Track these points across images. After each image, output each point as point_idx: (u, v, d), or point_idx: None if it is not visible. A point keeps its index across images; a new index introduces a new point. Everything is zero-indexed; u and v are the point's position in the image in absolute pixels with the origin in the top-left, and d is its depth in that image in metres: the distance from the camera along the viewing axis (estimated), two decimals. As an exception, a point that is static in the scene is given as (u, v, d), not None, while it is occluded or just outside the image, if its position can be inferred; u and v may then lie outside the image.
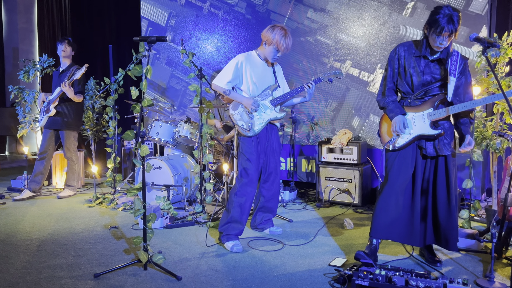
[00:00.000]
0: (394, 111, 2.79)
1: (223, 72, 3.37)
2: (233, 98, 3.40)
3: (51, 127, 4.89)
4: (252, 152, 3.34)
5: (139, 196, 2.95)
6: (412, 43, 2.78)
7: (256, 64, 3.39)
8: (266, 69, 3.44)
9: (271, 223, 3.67)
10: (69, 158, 4.98)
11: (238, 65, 3.34)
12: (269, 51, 3.33)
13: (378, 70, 4.84)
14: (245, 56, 3.38)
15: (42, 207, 4.51)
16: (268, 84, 3.42)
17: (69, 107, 4.87)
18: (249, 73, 3.35)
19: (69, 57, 4.97)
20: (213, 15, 5.88)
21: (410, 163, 2.80)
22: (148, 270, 2.81)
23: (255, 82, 3.36)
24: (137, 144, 2.77)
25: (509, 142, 3.55)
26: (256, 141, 3.38)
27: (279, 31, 3.26)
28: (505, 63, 3.70)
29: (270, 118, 3.40)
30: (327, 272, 2.79)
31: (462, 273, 2.78)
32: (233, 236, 3.28)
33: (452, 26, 2.50)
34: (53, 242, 3.38)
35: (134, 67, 2.92)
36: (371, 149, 4.94)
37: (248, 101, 3.33)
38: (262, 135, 3.42)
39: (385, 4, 4.76)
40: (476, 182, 4.39)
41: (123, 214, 4.24)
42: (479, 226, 3.75)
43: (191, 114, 6.06)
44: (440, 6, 2.55)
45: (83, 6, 7.59)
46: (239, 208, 3.27)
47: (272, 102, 3.41)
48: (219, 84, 3.36)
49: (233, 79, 3.34)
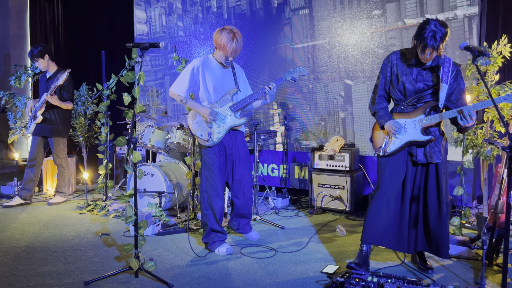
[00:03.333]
0: (383, 117, 2.84)
1: (179, 79, 3.22)
2: (190, 106, 3.27)
3: (39, 134, 4.83)
4: (215, 164, 3.24)
5: (130, 203, 2.93)
6: (405, 51, 2.82)
7: (213, 68, 3.23)
8: (225, 73, 3.28)
9: (249, 227, 3.63)
10: (59, 165, 4.94)
11: (194, 71, 3.19)
12: (219, 56, 3.20)
13: (370, 77, 4.88)
14: (201, 60, 3.22)
15: (32, 213, 4.46)
16: (227, 89, 3.28)
17: (57, 113, 4.80)
18: (206, 78, 3.20)
19: (50, 65, 4.82)
20: (207, 20, 5.90)
21: (401, 169, 2.82)
22: (139, 278, 2.78)
23: (214, 87, 3.21)
24: (129, 150, 2.76)
25: (499, 149, 3.59)
26: (218, 150, 3.27)
27: (227, 35, 3.09)
28: (495, 72, 3.74)
29: (230, 126, 3.26)
30: (320, 279, 2.79)
31: (453, 280, 2.79)
32: (219, 242, 3.29)
33: (434, 43, 2.54)
34: (43, 249, 3.34)
35: (126, 73, 2.92)
36: (363, 156, 4.96)
37: (205, 111, 3.18)
38: (226, 142, 3.30)
39: (377, 13, 4.80)
40: (467, 189, 4.42)
41: (115, 221, 4.20)
42: (470, 233, 3.78)
43: (184, 121, 6.05)
44: (428, 21, 2.58)
45: (76, 11, 7.58)
46: (214, 220, 3.29)
47: (232, 108, 3.24)
48: (176, 91, 3.22)
49: (190, 86, 3.21)
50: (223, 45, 3.10)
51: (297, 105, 5.32)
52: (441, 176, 2.78)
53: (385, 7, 4.75)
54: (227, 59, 3.19)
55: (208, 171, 3.27)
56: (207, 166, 3.28)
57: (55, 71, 4.85)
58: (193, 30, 6.02)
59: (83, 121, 5.93)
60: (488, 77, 3.73)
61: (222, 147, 3.30)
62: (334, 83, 5.09)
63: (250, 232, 3.62)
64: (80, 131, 5.93)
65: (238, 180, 3.41)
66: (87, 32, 7.44)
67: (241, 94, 3.35)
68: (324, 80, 5.15)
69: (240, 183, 3.42)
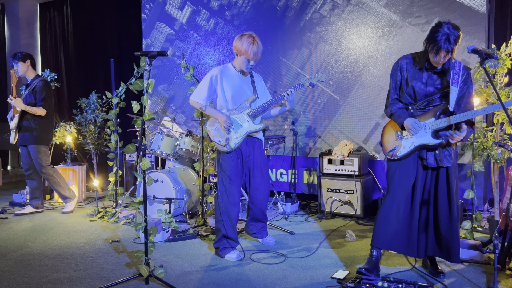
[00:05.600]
0: (401, 116, 2.81)
1: (199, 87, 3.33)
2: (209, 113, 3.35)
3: (22, 143, 4.72)
4: (232, 169, 3.29)
5: (140, 210, 2.95)
6: (415, 55, 2.81)
7: (232, 77, 3.32)
8: (243, 81, 3.36)
9: (265, 232, 3.67)
10: (45, 173, 4.77)
11: (213, 80, 3.29)
12: (241, 62, 3.26)
13: (377, 82, 4.87)
14: (220, 69, 3.32)
15: (43, 221, 4.51)
16: (245, 96, 3.34)
17: (36, 121, 4.68)
18: (224, 86, 3.29)
19: (29, 71, 4.76)
20: (213, 30, 5.94)
21: (412, 173, 2.80)
22: (149, 284, 2.79)
23: (232, 95, 3.29)
24: (138, 157, 2.79)
25: (509, 152, 3.55)
26: (236, 156, 3.32)
27: (247, 39, 3.17)
28: (504, 74, 3.72)
29: (248, 132, 3.30)
30: (330, 285, 2.77)
31: (465, 284, 2.76)
32: (229, 248, 3.31)
33: (448, 46, 2.53)
34: (55, 257, 3.37)
35: (135, 81, 2.95)
36: (373, 160, 4.94)
37: (221, 118, 3.26)
38: (243, 149, 3.35)
39: (383, 16, 4.80)
40: (478, 192, 4.38)
41: (125, 227, 4.23)
42: (482, 237, 3.74)
43: (193, 127, 6.08)
44: (440, 24, 2.56)
45: (86, 21, 7.68)
46: (229, 227, 3.31)
47: (249, 114, 3.30)
48: (195, 99, 3.33)
49: (209, 94, 3.31)
50: (244, 49, 3.17)
51: (305, 110, 5.32)
52: (451, 180, 2.76)
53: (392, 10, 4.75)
54: (249, 63, 3.24)
55: (225, 176, 3.31)
56: (224, 172, 3.32)
57: (33, 78, 4.77)
58: (201, 37, 6.07)
59: (93, 129, 5.99)
60: (497, 79, 3.70)
61: (239, 153, 3.34)
62: (342, 87, 5.08)
63: (266, 237, 3.66)
64: (90, 138, 6.00)
65: (255, 188, 3.46)
66: (96, 40, 7.54)
67: (259, 102, 3.39)
68: (332, 85, 5.14)
69: (256, 191, 3.47)
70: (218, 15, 5.88)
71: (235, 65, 3.34)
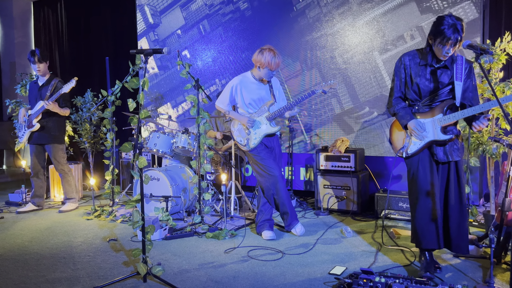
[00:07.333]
0: (405, 117, 2.82)
1: (222, 95, 3.83)
2: (232, 116, 3.85)
3: (37, 142, 4.76)
4: (263, 157, 3.71)
5: (137, 208, 2.95)
6: (417, 52, 2.82)
7: (251, 85, 3.76)
8: (261, 88, 3.79)
9: (295, 222, 3.80)
10: (61, 171, 4.90)
11: (233, 90, 3.77)
12: (264, 73, 3.67)
13: (373, 78, 4.88)
14: (239, 79, 3.77)
15: (41, 220, 4.50)
16: (264, 101, 3.78)
17: (54, 120, 4.76)
18: (244, 94, 3.75)
19: (47, 71, 4.82)
20: (209, 27, 5.93)
21: (432, 168, 2.81)
22: (147, 282, 2.80)
23: (251, 101, 3.75)
24: (135, 156, 2.78)
25: (505, 147, 3.57)
26: (262, 147, 3.76)
27: (268, 53, 3.58)
28: (499, 69, 3.73)
29: (265, 133, 3.75)
30: (327, 280, 2.79)
31: (461, 279, 2.78)
32: (268, 226, 3.75)
33: (458, 35, 2.53)
34: (52, 256, 3.36)
35: (131, 79, 2.93)
36: (369, 156, 4.95)
37: (244, 119, 3.75)
38: (266, 142, 3.78)
39: (379, 11, 4.81)
40: (474, 187, 4.40)
41: (122, 226, 4.23)
42: (478, 232, 3.76)
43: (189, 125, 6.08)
44: (443, 17, 2.57)
45: (80, 19, 7.64)
46: (269, 215, 3.80)
47: (268, 117, 3.75)
48: (220, 105, 3.87)
49: (230, 101, 3.80)
50: (267, 62, 3.59)
51: (301, 107, 5.32)
52: (461, 173, 2.80)
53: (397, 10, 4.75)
54: (271, 74, 3.68)
55: (259, 166, 3.72)
56: (257, 163, 3.73)
57: (48, 79, 4.81)
58: (199, 36, 6.06)
59: (88, 128, 5.97)
60: (492, 75, 3.72)
61: (263, 145, 3.78)
62: (338, 84, 5.09)
63: (296, 226, 3.79)
64: (86, 137, 5.98)
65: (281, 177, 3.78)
66: (91, 39, 7.50)
67: (277, 105, 3.82)
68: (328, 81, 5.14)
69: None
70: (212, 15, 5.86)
71: (254, 74, 3.76)
